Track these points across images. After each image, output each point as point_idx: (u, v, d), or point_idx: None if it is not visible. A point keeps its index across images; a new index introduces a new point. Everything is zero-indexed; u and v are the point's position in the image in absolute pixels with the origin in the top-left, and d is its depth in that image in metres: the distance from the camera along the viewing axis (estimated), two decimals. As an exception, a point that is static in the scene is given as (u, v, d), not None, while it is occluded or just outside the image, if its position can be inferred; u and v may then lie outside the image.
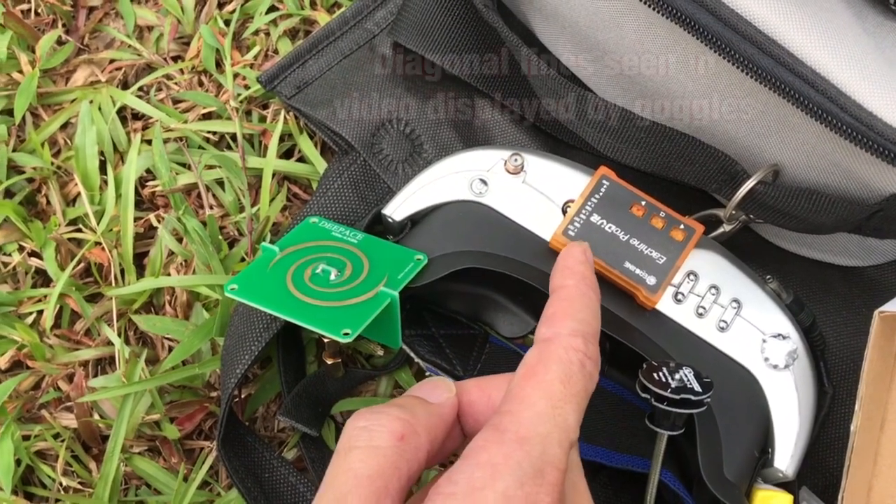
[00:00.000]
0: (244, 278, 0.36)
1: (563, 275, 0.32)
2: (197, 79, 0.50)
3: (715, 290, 0.38)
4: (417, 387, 0.31)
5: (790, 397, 0.38)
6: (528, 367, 0.28)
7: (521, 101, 0.45)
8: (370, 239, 0.39)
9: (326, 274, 0.37)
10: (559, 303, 0.30)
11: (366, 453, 0.26)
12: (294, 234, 0.39)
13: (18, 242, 0.47)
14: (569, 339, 0.29)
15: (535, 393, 0.27)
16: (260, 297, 0.36)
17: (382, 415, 0.28)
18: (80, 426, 0.42)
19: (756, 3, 0.32)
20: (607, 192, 0.38)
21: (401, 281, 0.36)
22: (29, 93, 0.49)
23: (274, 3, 0.51)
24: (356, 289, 0.36)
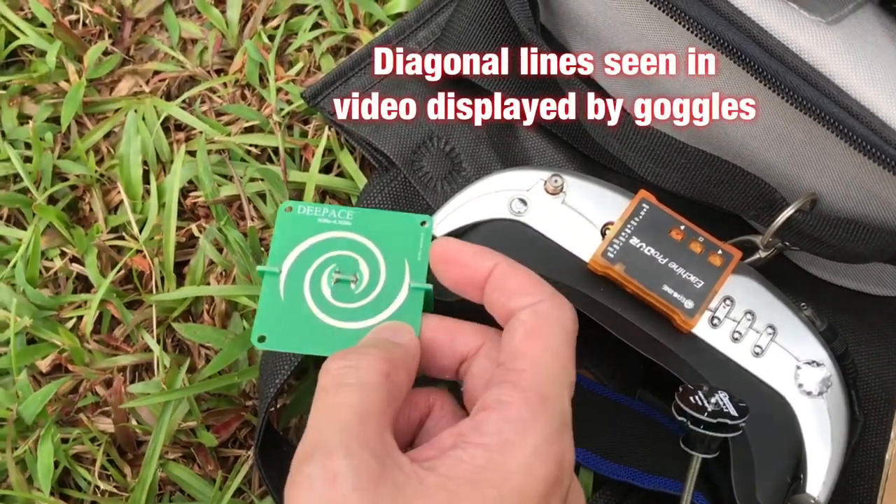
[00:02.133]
0: (267, 323, 0.34)
1: (482, 258, 0.32)
2: (240, 92, 0.51)
3: (751, 316, 0.38)
4: (378, 330, 0.32)
5: (823, 424, 0.38)
6: (528, 327, 0.29)
7: (560, 123, 0.46)
8: (362, 215, 0.36)
9: (346, 284, 0.34)
10: (513, 276, 0.31)
11: (359, 390, 0.27)
12: (280, 240, 0.36)
13: (60, 248, 0.48)
14: (555, 300, 0.30)
15: (545, 353, 0.28)
16: (295, 341, 0.34)
17: (365, 354, 0.28)
18: (118, 431, 0.43)
19: (803, 35, 0.33)
20: (647, 216, 0.38)
21: (422, 263, 0.35)
22: (75, 102, 0.50)
23: (318, 20, 0.52)
24: (384, 292, 0.34)
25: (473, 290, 0.32)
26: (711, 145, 0.42)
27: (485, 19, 0.45)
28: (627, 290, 0.38)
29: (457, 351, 0.32)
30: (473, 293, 0.32)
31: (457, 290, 0.33)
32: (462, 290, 0.33)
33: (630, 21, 0.40)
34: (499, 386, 0.27)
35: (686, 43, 0.38)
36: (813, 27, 0.33)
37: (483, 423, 0.27)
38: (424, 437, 0.32)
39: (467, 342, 0.32)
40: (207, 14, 0.53)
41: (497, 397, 0.27)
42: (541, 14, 0.48)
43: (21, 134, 0.50)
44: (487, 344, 0.32)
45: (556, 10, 0.46)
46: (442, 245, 0.33)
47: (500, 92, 0.45)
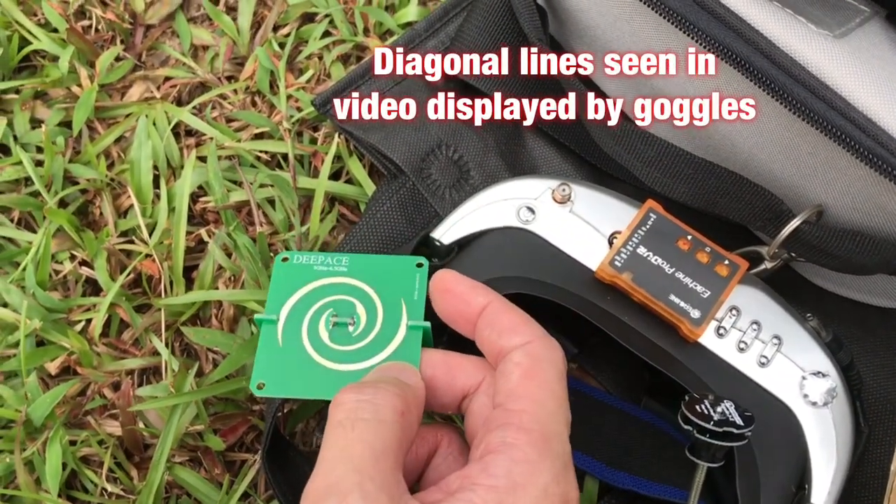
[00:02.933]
0: (265, 370, 0.34)
1: (475, 293, 0.33)
2: (250, 99, 0.52)
3: (756, 326, 0.39)
4: (384, 368, 0.32)
5: (828, 435, 0.38)
6: (524, 368, 0.30)
7: (568, 133, 0.46)
8: (356, 260, 0.37)
9: (343, 327, 0.35)
10: (505, 314, 0.32)
11: (375, 427, 0.27)
12: (277, 289, 0.36)
13: (70, 251, 0.48)
14: (547, 341, 0.31)
15: (542, 393, 0.29)
16: (294, 386, 0.34)
17: (382, 390, 0.29)
18: (125, 434, 0.43)
19: (810, 48, 0.33)
20: (654, 225, 0.39)
21: (419, 302, 0.36)
22: (87, 107, 0.50)
23: (328, 28, 0.53)
24: (382, 333, 0.35)
25: (466, 324, 0.33)
26: (718, 156, 0.42)
27: (494, 30, 0.45)
28: (634, 299, 0.38)
29: (457, 387, 0.32)
30: (466, 327, 0.33)
31: (451, 322, 0.33)
32: (455, 323, 0.33)
33: (639, 32, 0.40)
34: (502, 428, 0.28)
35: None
36: (820, 40, 0.34)
37: (491, 464, 0.27)
38: (432, 474, 0.32)
39: (467, 378, 0.32)
40: (219, 21, 0.53)
41: (502, 439, 0.27)
42: (550, 25, 0.48)
43: (33, 138, 0.50)
44: (487, 380, 0.32)
45: (564, 21, 0.46)
46: (441, 275, 0.34)
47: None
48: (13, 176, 0.49)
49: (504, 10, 0.45)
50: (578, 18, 0.45)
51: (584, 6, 0.43)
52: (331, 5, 0.53)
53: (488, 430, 0.28)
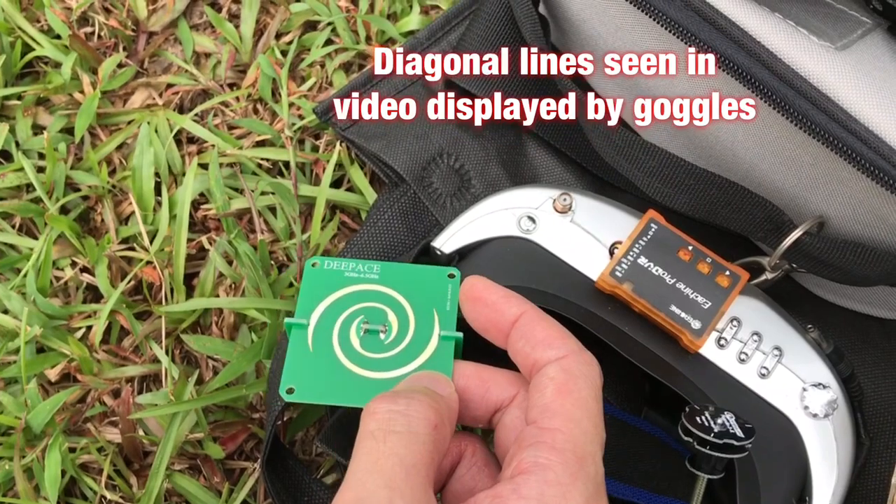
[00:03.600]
0: (295, 374, 0.33)
1: (508, 303, 0.32)
2: (252, 106, 0.52)
3: (757, 337, 0.39)
4: (418, 377, 0.31)
5: (829, 447, 0.38)
6: (559, 383, 0.29)
7: (570, 142, 0.46)
8: (388, 268, 0.37)
9: (375, 334, 0.34)
10: (539, 326, 0.31)
11: (408, 440, 0.26)
12: (307, 293, 0.36)
13: (71, 258, 0.48)
14: (582, 356, 0.30)
15: (577, 411, 0.28)
16: (324, 391, 0.33)
17: (416, 401, 0.28)
18: (125, 441, 0.43)
19: (812, 61, 0.33)
20: (655, 236, 0.39)
21: (451, 313, 0.35)
22: (89, 113, 0.51)
23: (330, 36, 0.53)
24: (414, 342, 0.34)
25: (498, 334, 0.32)
26: (720, 167, 0.42)
27: (496, 39, 0.45)
28: (635, 310, 0.38)
29: (490, 401, 0.32)
30: (497, 337, 0.32)
31: (481, 331, 0.33)
32: (487, 332, 0.32)
33: (640, 43, 0.40)
34: (535, 447, 0.27)
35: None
36: (822, 52, 0.34)
37: (522, 485, 0.26)
38: (455, 484, 0.32)
39: (501, 392, 0.31)
40: (221, 28, 0.53)
41: (534, 459, 0.27)
42: (552, 34, 0.48)
43: (35, 144, 0.50)
44: (521, 394, 0.31)
45: (566, 31, 0.46)
46: (471, 282, 0.33)
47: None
48: (15, 182, 0.49)
49: (506, 18, 0.45)
50: (580, 28, 0.45)
51: (586, 16, 0.43)
52: (333, 13, 0.53)
53: (521, 447, 0.28)
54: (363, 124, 0.47)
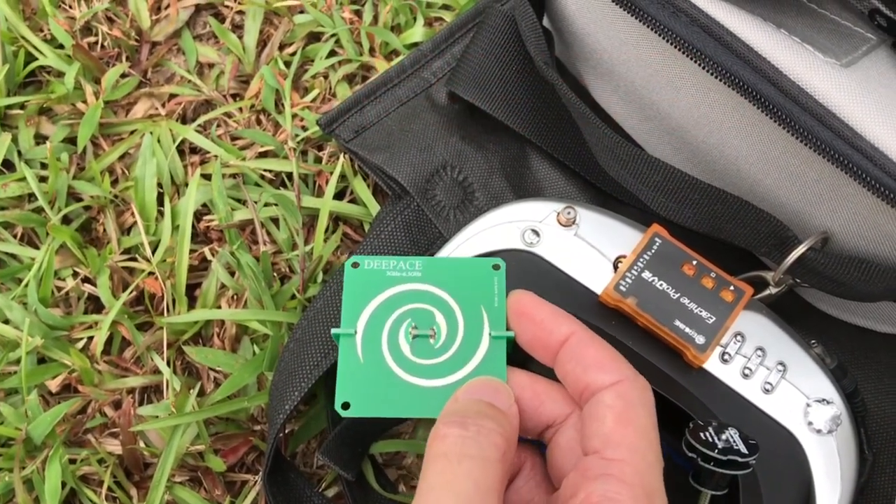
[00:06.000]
0: (349, 388, 0.32)
1: (557, 322, 0.31)
2: (255, 117, 0.52)
3: (761, 352, 0.38)
4: (478, 389, 0.31)
5: (832, 462, 0.38)
6: (617, 412, 0.28)
7: (573, 155, 0.46)
8: (430, 264, 0.36)
9: (424, 339, 0.33)
10: (591, 347, 0.30)
11: (482, 464, 0.27)
12: (351, 298, 0.34)
13: (73, 268, 0.48)
14: (637, 381, 0.29)
15: (640, 441, 0.28)
16: (380, 404, 0.32)
17: (485, 429, 0.28)
18: (125, 453, 0.43)
19: (818, 77, 0.33)
20: (659, 250, 0.39)
21: (499, 309, 0.34)
22: (92, 123, 0.50)
23: (334, 48, 0.53)
24: (465, 344, 0.33)
25: (545, 352, 0.31)
26: (724, 181, 0.42)
27: (500, 51, 0.45)
28: (639, 324, 0.38)
29: (543, 416, 0.31)
30: (544, 355, 0.32)
31: (528, 348, 0.32)
32: (533, 350, 0.32)
33: (645, 57, 0.40)
34: (603, 480, 0.27)
35: (699, 81, 0.38)
36: (827, 69, 0.34)
37: None
38: (513, 496, 0.31)
39: (555, 408, 0.31)
40: (225, 39, 0.53)
41: (603, 493, 0.26)
42: (556, 47, 0.48)
43: (37, 154, 0.50)
44: (575, 414, 0.31)
45: (570, 44, 0.46)
46: (518, 298, 0.32)
47: (515, 122, 0.46)
48: (17, 192, 0.49)
49: (510, 31, 0.45)
50: (584, 42, 0.45)
51: (591, 30, 0.43)
52: (337, 25, 0.53)
53: (586, 477, 0.27)
54: (367, 136, 0.47)
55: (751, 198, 0.41)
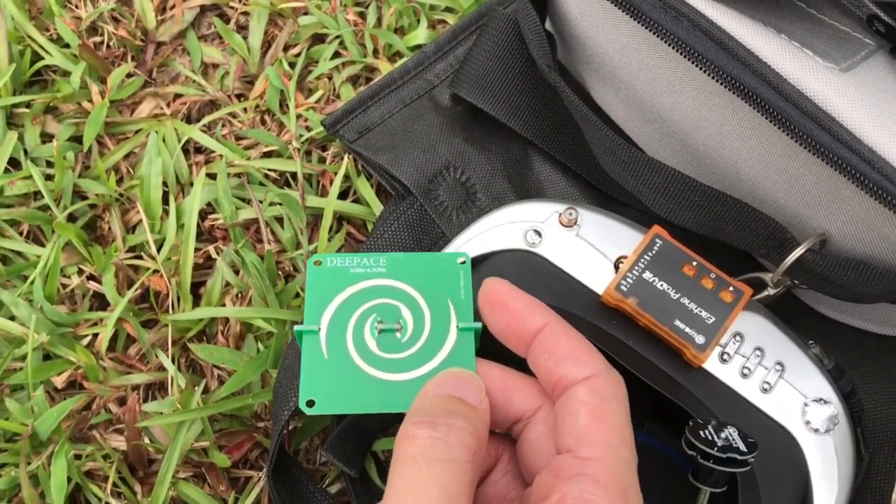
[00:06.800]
0: (313, 385, 0.32)
1: (531, 312, 0.31)
2: (260, 117, 0.52)
3: (760, 352, 0.39)
4: (447, 382, 0.30)
5: (830, 461, 0.38)
6: (591, 407, 0.28)
7: (575, 157, 0.47)
8: (395, 260, 0.35)
9: (391, 333, 0.33)
10: (564, 340, 0.30)
11: (451, 468, 0.26)
12: (314, 295, 0.34)
13: (78, 265, 0.48)
14: (611, 376, 0.29)
15: (614, 438, 0.27)
16: (346, 401, 0.32)
17: (455, 428, 0.27)
18: (130, 449, 0.43)
19: (817, 81, 0.34)
20: (660, 251, 0.39)
21: (466, 302, 0.34)
22: (98, 122, 0.51)
23: (338, 49, 0.53)
24: (432, 337, 0.33)
25: (518, 342, 0.31)
26: (723, 184, 0.43)
27: (503, 54, 0.46)
28: (639, 324, 0.38)
29: (511, 410, 0.31)
30: (518, 346, 0.31)
31: (500, 337, 0.32)
32: (506, 339, 0.31)
33: (647, 61, 0.41)
34: (577, 480, 0.26)
35: (700, 84, 0.39)
36: (827, 73, 0.34)
37: None
38: (488, 490, 0.31)
39: (524, 402, 0.31)
40: (229, 40, 0.54)
41: (579, 493, 0.26)
42: (558, 51, 0.49)
43: (43, 152, 0.51)
44: (545, 408, 0.31)
45: (572, 48, 0.47)
46: (492, 286, 0.32)
47: (517, 124, 0.46)
48: (23, 190, 0.49)
49: (513, 34, 0.46)
50: (586, 45, 0.45)
51: (592, 33, 0.44)
52: (341, 27, 0.53)
53: (559, 477, 0.27)
54: (371, 137, 0.48)
55: (750, 200, 0.41)
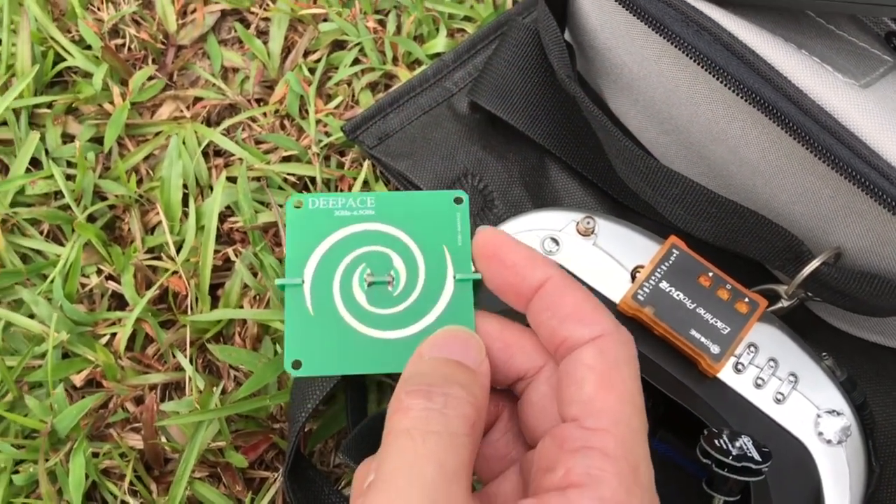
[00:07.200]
0: (299, 345, 0.29)
1: (531, 266, 0.28)
2: (279, 122, 0.53)
3: (773, 363, 0.39)
4: (444, 343, 0.28)
5: (842, 472, 0.39)
6: (599, 373, 0.25)
7: (591, 166, 0.48)
8: (384, 200, 0.31)
9: (382, 286, 0.30)
10: (568, 295, 0.27)
11: (449, 442, 0.24)
12: (295, 243, 0.30)
13: (97, 265, 0.49)
14: (620, 335, 0.27)
15: (624, 407, 0.25)
16: (335, 361, 0.29)
17: (454, 397, 0.25)
18: (147, 448, 0.44)
19: (837, 97, 0.34)
20: (676, 261, 0.39)
21: (464, 248, 0.30)
22: (119, 124, 0.51)
23: (357, 56, 0.54)
24: (427, 289, 0.30)
25: (517, 299, 0.28)
26: (738, 195, 0.43)
27: (523, 64, 0.47)
28: (655, 333, 0.39)
29: (513, 369, 0.29)
30: (517, 302, 0.28)
31: (498, 292, 0.29)
32: (503, 295, 0.29)
33: (665, 73, 0.42)
34: (584, 454, 0.24)
35: (720, 97, 0.39)
36: (847, 89, 0.35)
37: (575, 501, 0.24)
38: (488, 449, 0.30)
39: (526, 361, 0.28)
40: (250, 44, 0.55)
41: (586, 469, 0.24)
42: (577, 62, 0.49)
43: (64, 152, 0.51)
44: (549, 367, 0.28)
45: (592, 59, 0.47)
46: (485, 237, 0.29)
47: (535, 133, 0.47)
48: (44, 189, 0.50)
49: (532, 44, 0.47)
50: (605, 56, 0.46)
51: (612, 44, 0.44)
52: (361, 34, 0.54)
53: (564, 450, 0.25)
54: (390, 143, 0.48)
55: (765, 212, 0.42)
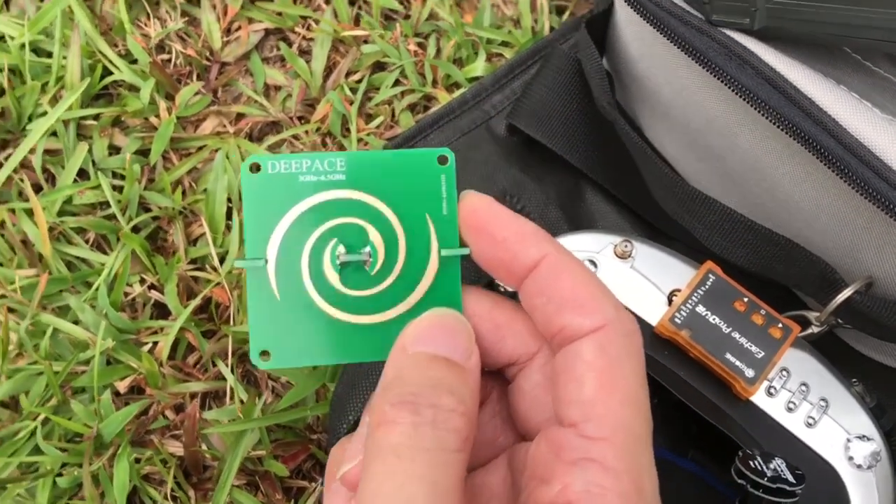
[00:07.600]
0: (266, 333, 0.26)
1: (524, 243, 0.25)
2: (321, 140, 0.54)
3: (805, 388, 0.40)
4: (429, 335, 0.25)
5: (871, 497, 0.39)
6: (599, 371, 0.23)
7: (626, 191, 0.49)
8: (356, 162, 0.27)
9: (358, 267, 0.26)
10: (566, 278, 0.24)
11: (440, 460, 0.22)
12: (254, 215, 0.26)
13: (140, 275, 0.50)
14: (623, 325, 0.24)
15: (627, 411, 0.23)
16: (306, 351, 0.26)
17: (444, 408, 0.23)
18: (188, 455, 0.45)
19: (876, 132, 0.36)
20: (713, 286, 0.41)
21: (450, 218, 0.27)
22: (165, 138, 0.53)
23: (398, 77, 0.55)
24: (408, 267, 0.26)
25: (509, 277, 0.26)
26: (772, 222, 0.44)
27: (562, 90, 0.48)
28: (691, 356, 0.40)
29: (503, 353, 0.26)
30: (508, 281, 0.26)
31: (487, 269, 0.26)
32: (494, 272, 0.26)
33: (704, 103, 0.43)
34: (583, 467, 0.22)
35: (759, 128, 0.41)
36: (885, 125, 0.36)
37: None
38: None
39: (519, 345, 0.26)
40: (293, 63, 0.56)
41: (585, 487, 0.22)
42: (616, 90, 0.50)
43: (111, 164, 0.53)
44: (543, 352, 0.26)
45: (628, 86, 0.49)
46: (472, 206, 0.26)
47: (573, 157, 0.48)
48: (91, 199, 0.51)
49: (572, 71, 0.48)
50: (643, 84, 0.47)
51: (651, 73, 0.45)
52: (403, 57, 0.55)
53: (561, 459, 0.23)
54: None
55: (798, 240, 0.43)
